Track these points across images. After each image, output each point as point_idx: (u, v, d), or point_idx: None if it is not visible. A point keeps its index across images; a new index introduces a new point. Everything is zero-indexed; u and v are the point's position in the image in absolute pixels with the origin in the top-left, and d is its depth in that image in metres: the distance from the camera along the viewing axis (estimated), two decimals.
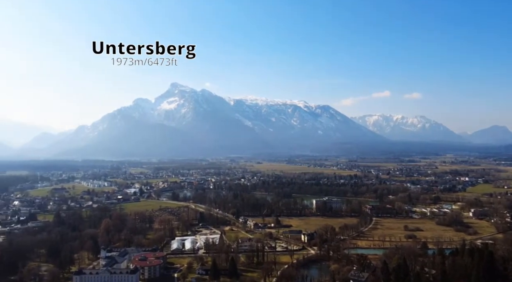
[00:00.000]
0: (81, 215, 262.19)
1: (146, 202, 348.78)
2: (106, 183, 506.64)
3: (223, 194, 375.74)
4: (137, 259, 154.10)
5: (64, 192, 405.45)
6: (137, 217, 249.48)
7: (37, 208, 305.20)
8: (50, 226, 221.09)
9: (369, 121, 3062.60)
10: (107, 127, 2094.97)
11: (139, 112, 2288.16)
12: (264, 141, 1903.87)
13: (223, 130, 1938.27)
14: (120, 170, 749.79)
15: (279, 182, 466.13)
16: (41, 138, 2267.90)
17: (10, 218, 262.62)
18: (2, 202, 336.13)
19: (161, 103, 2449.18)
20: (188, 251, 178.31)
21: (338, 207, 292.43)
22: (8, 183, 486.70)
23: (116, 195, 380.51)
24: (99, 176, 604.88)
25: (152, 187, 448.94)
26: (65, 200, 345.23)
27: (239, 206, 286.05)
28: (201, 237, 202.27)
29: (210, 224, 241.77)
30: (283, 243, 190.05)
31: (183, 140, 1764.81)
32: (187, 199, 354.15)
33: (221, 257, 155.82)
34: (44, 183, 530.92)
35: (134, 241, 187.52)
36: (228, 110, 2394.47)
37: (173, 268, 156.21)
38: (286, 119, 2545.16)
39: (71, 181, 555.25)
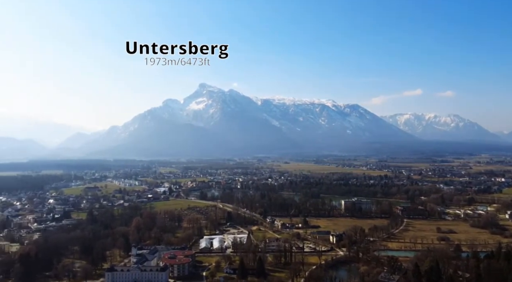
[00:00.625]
0: (113, 213, 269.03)
1: (175, 201, 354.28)
2: (137, 182, 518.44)
3: (251, 193, 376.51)
4: (166, 257, 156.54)
5: (96, 191, 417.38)
6: (166, 216, 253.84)
7: (71, 206, 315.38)
8: (84, 224, 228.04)
9: (400, 121, 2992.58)
10: (137, 127, 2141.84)
11: (169, 112, 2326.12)
12: (291, 140, 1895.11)
13: (250, 130, 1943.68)
14: (150, 169, 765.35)
15: (307, 182, 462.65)
16: (75, 138, 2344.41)
17: (45, 216, 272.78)
18: (38, 200, 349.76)
19: (190, 104, 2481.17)
20: (216, 250, 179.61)
21: (368, 208, 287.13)
22: (44, 182, 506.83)
23: (147, 194, 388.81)
24: (130, 175, 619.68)
25: (181, 186, 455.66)
26: (98, 199, 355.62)
27: (266, 206, 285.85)
28: (229, 236, 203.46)
29: (238, 223, 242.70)
30: (311, 244, 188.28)
31: (211, 140, 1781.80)
32: (215, 198, 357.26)
33: (249, 256, 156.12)
34: (78, 181, 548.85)
35: (163, 239, 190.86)
36: (255, 110, 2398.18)
37: (201, 266, 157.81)
38: (314, 119, 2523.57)
39: (103, 180, 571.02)
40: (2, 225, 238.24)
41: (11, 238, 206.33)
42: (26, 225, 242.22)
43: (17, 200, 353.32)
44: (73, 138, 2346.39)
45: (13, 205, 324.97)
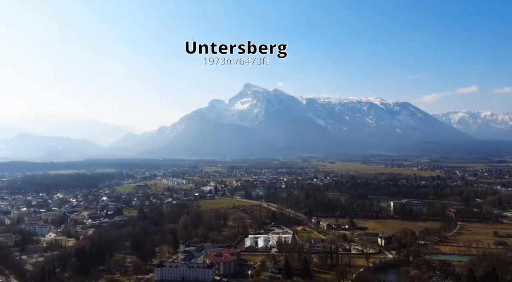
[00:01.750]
0: (162, 211, 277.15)
1: (220, 199, 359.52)
2: (184, 181, 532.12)
3: (295, 193, 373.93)
4: (213, 254, 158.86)
5: (146, 189, 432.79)
6: (212, 214, 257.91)
7: (123, 203, 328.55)
8: (134, 220, 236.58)
9: (453, 119, 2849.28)
10: (185, 128, 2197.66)
11: (214, 113, 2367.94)
12: (337, 140, 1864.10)
13: (295, 130, 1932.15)
14: (196, 168, 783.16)
15: (354, 182, 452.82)
16: (126, 138, 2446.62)
17: (99, 212, 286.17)
18: (93, 198, 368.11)
19: (235, 104, 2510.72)
20: (261, 249, 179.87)
21: (419, 209, 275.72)
22: (98, 180, 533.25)
23: (193, 192, 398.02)
24: (178, 174, 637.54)
25: (226, 185, 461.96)
26: (148, 196, 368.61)
27: (311, 206, 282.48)
28: (274, 235, 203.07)
29: (282, 223, 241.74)
30: (358, 246, 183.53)
31: (255, 140, 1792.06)
32: (259, 197, 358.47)
33: (294, 256, 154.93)
34: (129, 180, 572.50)
35: (209, 237, 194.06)
36: (300, 109, 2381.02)
37: (246, 265, 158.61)
38: (361, 118, 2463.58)
39: (153, 179, 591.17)
40: (60, 221, 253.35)
41: (67, 233, 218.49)
42: (81, 221, 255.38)
43: (73, 197, 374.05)
44: (125, 139, 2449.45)
45: (70, 202, 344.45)
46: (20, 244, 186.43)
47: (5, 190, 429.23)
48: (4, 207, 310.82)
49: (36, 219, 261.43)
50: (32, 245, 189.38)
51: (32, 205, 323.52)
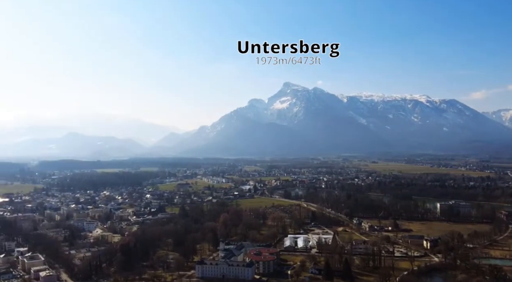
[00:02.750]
0: (202, 209, 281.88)
1: (259, 198, 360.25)
2: (224, 180, 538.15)
3: (336, 193, 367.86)
4: (252, 253, 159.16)
5: (188, 187, 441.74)
6: (251, 213, 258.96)
7: (165, 201, 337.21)
8: (176, 218, 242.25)
9: (505, 117, 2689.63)
10: (224, 127, 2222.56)
11: (253, 112, 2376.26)
12: (380, 139, 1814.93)
13: (335, 129, 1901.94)
14: (236, 168, 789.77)
15: (397, 182, 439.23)
16: (169, 138, 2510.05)
17: (143, 209, 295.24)
18: (137, 195, 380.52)
19: (274, 103, 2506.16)
20: (301, 249, 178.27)
21: (467, 211, 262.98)
22: (142, 178, 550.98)
23: (233, 191, 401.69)
24: (217, 173, 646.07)
25: (265, 185, 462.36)
26: (189, 195, 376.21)
27: (352, 207, 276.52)
28: (314, 236, 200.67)
29: (322, 223, 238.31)
30: (402, 248, 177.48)
31: (294, 139, 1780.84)
32: (298, 197, 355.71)
33: (334, 258, 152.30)
34: (171, 178, 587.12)
35: (249, 236, 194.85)
36: (341, 108, 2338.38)
37: (286, 264, 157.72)
38: (405, 116, 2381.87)
39: (193, 177, 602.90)
40: (106, 217, 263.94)
41: (113, 229, 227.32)
42: (126, 218, 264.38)
43: (118, 195, 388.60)
44: (167, 138, 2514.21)
45: (115, 199, 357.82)
46: (69, 239, 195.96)
47: (55, 188, 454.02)
48: (55, 204, 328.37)
49: (84, 216, 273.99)
50: (80, 241, 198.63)
51: (80, 202, 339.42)
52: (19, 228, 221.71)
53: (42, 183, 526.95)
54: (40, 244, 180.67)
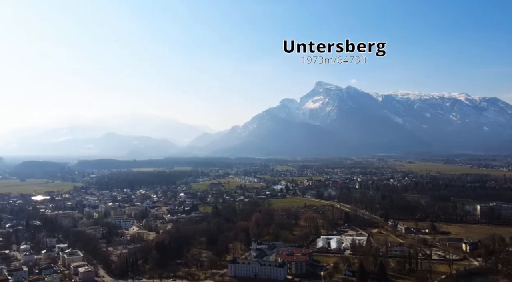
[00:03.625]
0: (235, 208, 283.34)
1: (291, 198, 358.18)
2: (255, 179, 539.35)
3: (370, 194, 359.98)
4: (284, 253, 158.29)
5: (220, 187, 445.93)
6: (283, 213, 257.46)
7: (198, 200, 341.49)
8: (209, 217, 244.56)
9: None
10: (256, 127, 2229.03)
11: (285, 112, 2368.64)
12: (416, 138, 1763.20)
13: (369, 128, 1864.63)
14: (267, 167, 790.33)
15: (435, 183, 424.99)
16: (201, 138, 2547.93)
17: (177, 208, 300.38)
18: (171, 194, 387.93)
19: (306, 103, 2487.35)
20: (334, 250, 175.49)
21: (509, 214, 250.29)
22: (176, 177, 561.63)
23: (265, 191, 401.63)
24: (249, 173, 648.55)
25: (297, 185, 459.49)
26: (221, 194, 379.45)
27: (387, 208, 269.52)
28: (347, 237, 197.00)
29: (356, 224, 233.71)
30: (440, 251, 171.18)
31: (327, 138, 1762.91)
32: (331, 197, 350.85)
33: (369, 260, 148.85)
34: (204, 177, 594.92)
35: (281, 236, 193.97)
36: (375, 106, 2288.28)
37: (318, 265, 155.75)
38: (443, 115, 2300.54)
39: (226, 177, 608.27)
40: (142, 215, 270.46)
41: (149, 227, 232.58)
42: (161, 216, 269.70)
43: (153, 193, 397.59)
44: (200, 138, 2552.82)
45: (151, 198, 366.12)
46: (107, 236, 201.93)
47: (94, 186, 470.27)
48: (93, 202, 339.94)
49: (121, 213, 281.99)
50: (117, 238, 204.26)
51: (117, 200, 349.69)
52: (60, 225, 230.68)
53: (81, 181, 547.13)
54: (79, 241, 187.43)
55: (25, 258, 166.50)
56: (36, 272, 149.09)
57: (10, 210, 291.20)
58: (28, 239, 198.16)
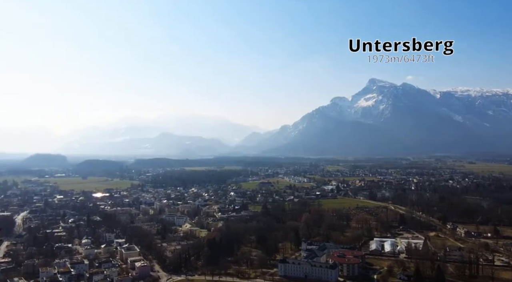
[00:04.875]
0: (284, 208, 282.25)
1: (342, 199, 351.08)
2: (305, 179, 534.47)
3: (427, 196, 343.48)
4: (335, 255, 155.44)
5: (269, 186, 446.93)
6: (334, 214, 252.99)
7: (248, 199, 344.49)
8: (259, 216, 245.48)
9: None
10: (306, 126, 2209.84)
11: (336, 111, 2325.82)
12: (478, 137, 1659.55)
13: (426, 127, 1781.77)
14: (317, 167, 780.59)
15: (498, 185, 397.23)
16: (251, 137, 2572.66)
17: (227, 206, 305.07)
18: (222, 193, 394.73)
19: (358, 101, 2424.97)
20: (388, 253, 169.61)
21: None
22: (226, 176, 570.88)
23: (315, 191, 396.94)
24: (299, 172, 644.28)
25: (348, 185, 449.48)
26: (271, 193, 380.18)
27: (446, 210, 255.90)
28: (402, 240, 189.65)
29: (412, 227, 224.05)
30: (503, 257, 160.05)
31: (380, 138, 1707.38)
32: (385, 199, 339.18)
33: (425, 264, 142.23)
34: (253, 177, 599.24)
35: (332, 237, 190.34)
36: (432, 104, 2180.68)
37: (371, 269, 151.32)
38: (507, 112, 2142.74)
39: (275, 176, 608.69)
40: (194, 213, 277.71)
41: (200, 224, 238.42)
42: (212, 214, 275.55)
43: (205, 192, 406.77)
44: (249, 138, 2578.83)
45: (202, 196, 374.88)
46: (161, 232, 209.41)
47: (149, 184, 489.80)
48: (149, 199, 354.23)
49: (175, 211, 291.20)
50: (171, 234, 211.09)
51: (171, 197, 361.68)
52: (118, 220, 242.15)
53: (138, 179, 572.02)
54: (136, 236, 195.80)
55: (86, 251, 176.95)
56: (96, 265, 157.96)
57: (72, 206, 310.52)
58: (89, 234, 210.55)
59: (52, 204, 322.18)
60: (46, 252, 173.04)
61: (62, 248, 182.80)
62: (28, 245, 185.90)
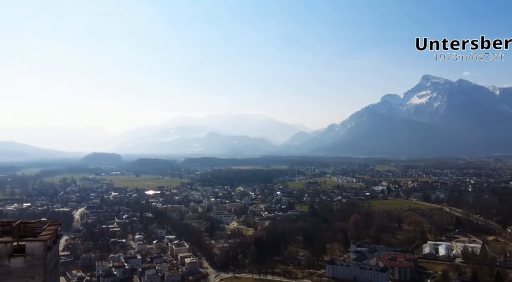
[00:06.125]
0: (331, 208, 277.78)
1: (394, 200, 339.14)
2: (354, 179, 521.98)
3: (485, 198, 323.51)
4: (386, 258, 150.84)
5: (316, 186, 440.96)
6: (385, 215, 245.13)
7: (294, 199, 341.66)
8: (305, 216, 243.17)
9: None
10: (354, 125, 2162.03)
11: (387, 108, 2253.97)
12: None
13: (484, 125, 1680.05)
14: (367, 167, 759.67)
15: None
16: (297, 136, 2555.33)
17: (274, 206, 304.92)
18: (268, 192, 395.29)
19: (411, 98, 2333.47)
20: (442, 257, 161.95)
21: None
22: (272, 176, 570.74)
23: (364, 192, 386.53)
24: (347, 172, 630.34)
25: (400, 186, 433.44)
26: (318, 193, 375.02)
27: (506, 213, 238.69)
28: (458, 244, 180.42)
29: (468, 230, 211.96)
30: None
31: (434, 137, 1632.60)
32: (439, 200, 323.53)
33: (484, 269, 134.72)
34: (300, 176, 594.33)
35: (382, 239, 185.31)
36: (492, 101, 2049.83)
37: (425, 273, 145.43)
38: None
39: (322, 176, 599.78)
40: (241, 211, 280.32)
41: (247, 223, 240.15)
42: (258, 213, 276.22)
43: (251, 190, 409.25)
44: (296, 137, 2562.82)
45: (249, 195, 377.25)
46: (209, 230, 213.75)
47: (198, 182, 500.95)
48: (197, 197, 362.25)
49: (222, 209, 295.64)
50: (219, 232, 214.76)
51: (219, 196, 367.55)
52: (169, 217, 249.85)
53: (187, 177, 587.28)
54: (185, 233, 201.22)
55: (139, 247, 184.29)
56: (148, 260, 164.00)
57: (126, 202, 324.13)
58: (141, 230, 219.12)
59: (107, 201, 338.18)
60: (102, 246, 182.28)
61: (117, 243, 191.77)
62: (86, 239, 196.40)
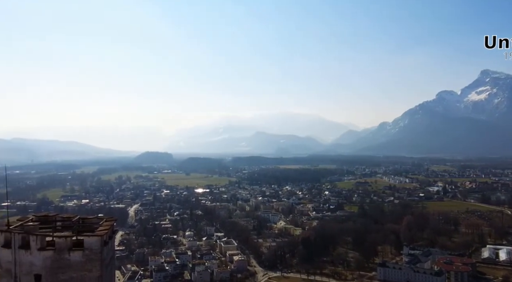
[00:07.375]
0: (383, 209, 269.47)
1: (450, 202, 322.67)
2: (407, 179, 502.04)
3: None
4: (442, 261, 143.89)
5: (366, 186, 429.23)
6: (440, 217, 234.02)
7: (343, 199, 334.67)
8: (355, 217, 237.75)
9: None
10: (407, 123, 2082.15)
11: (442, 105, 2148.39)
12: None
13: None
14: (421, 167, 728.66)
15: None
16: (346, 135, 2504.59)
17: (322, 206, 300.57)
18: (316, 191, 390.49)
19: (468, 95, 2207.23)
20: (504, 262, 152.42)
21: None
22: (320, 175, 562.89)
23: (418, 192, 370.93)
24: (400, 172, 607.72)
25: (457, 186, 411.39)
26: (368, 193, 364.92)
27: None
28: None
29: None
30: None
31: (494, 135, 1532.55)
32: (500, 202, 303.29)
33: None
34: (349, 176, 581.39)
35: (437, 242, 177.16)
36: None
37: (484, 278, 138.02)
38: None
39: (373, 176, 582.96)
40: (288, 211, 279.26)
41: (295, 223, 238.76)
42: (306, 213, 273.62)
43: (299, 190, 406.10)
44: (344, 135, 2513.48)
45: (296, 194, 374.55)
46: (257, 228, 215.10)
47: (246, 181, 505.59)
48: (245, 196, 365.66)
49: (269, 208, 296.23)
50: (266, 231, 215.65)
51: (266, 195, 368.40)
52: (217, 215, 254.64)
53: (235, 176, 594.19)
54: (233, 231, 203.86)
55: (189, 243, 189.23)
56: (198, 256, 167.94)
57: (177, 200, 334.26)
58: (191, 227, 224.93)
59: (159, 198, 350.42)
60: (154, 242, 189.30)
61: (169, 239, 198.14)
62: (139, 235, 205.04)
